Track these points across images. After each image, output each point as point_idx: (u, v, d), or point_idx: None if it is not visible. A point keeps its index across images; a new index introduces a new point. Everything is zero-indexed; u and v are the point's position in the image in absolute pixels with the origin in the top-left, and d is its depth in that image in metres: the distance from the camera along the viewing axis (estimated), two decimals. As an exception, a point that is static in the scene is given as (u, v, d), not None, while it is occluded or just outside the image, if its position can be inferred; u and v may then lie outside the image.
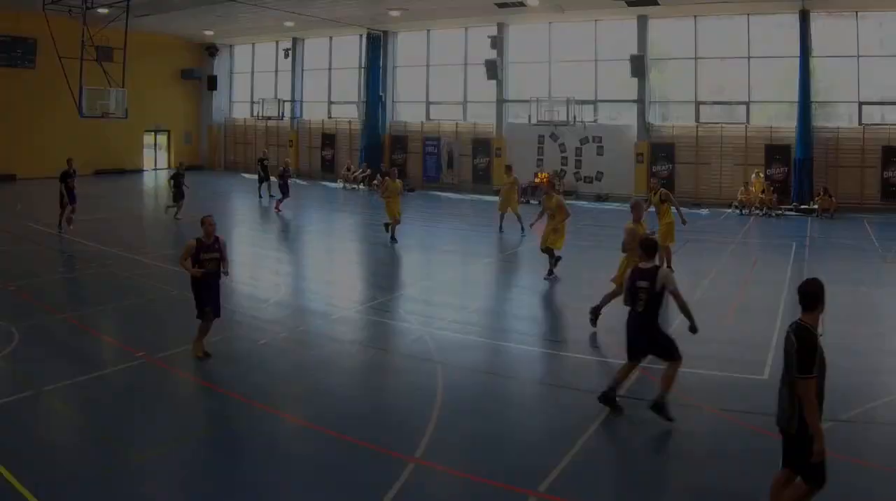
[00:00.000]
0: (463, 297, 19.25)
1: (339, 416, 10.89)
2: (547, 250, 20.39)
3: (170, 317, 16.63)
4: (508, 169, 32.33)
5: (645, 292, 10.68)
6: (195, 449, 9.90)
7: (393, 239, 26.09)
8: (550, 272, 20.45)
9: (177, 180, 32.40)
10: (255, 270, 22.37)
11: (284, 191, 35.14)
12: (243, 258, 24.04)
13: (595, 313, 15.54)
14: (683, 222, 21.11)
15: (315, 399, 11.74)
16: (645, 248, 11.13)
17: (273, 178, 38.48)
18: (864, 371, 12.70)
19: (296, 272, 23.08)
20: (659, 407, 10.66)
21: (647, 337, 10.96)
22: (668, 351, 11.01)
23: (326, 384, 12.33)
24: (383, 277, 21.79)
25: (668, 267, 18.97)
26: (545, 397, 12.19)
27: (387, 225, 26.44)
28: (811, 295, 7.56)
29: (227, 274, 13.49)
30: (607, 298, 15.35)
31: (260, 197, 40.05)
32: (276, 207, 34.84)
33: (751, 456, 9.56)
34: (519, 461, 9.46)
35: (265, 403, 11.34)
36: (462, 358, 13.73)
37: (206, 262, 12.99)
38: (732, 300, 18.22)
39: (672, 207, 20.93)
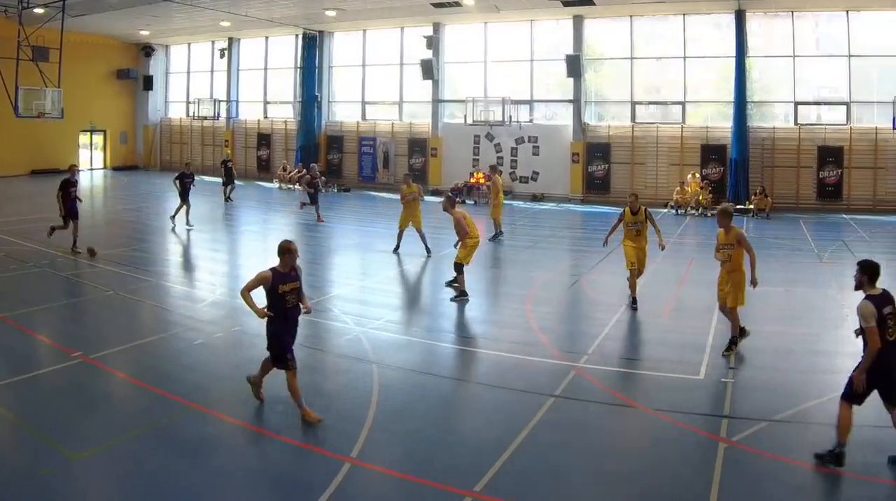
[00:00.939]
0: (399, 297, 18.63)
1: (275, 416, 10.50)
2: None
3: (106, 317, 16.02)
4: (492, 170, 29.13)
5: (892, 317, 8.94)
6: (131, 449, 9.38)
7: (427, 249, 23.17)
8: (454, 287, 17.99)
9: (182, 181, 28.31)
10: (192, 270, 21.37)
11: (314, 199, 30.30)
12: (180, 258, 23.49)
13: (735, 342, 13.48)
14: (661, 246, 17.07)
15: (250, 399, 10.95)
16: (872, 273, 9.19)
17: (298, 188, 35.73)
18: (799, 371, 12.37)
19: (232, 272, 21.53)
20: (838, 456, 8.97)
21: None
22: None
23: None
24: (318, 277, 20.57)
25: (634, 296, 16.64)
26: (481, 397, 11.64)
27: (396, 249, 23.67)
28: None
29: (308, 311, 10.89)
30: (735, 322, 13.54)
31: (227, 199, 37.12)
32: (318, 218, 29.96)
33: (685, 457, 9.30)
34: (455, 461, 9.12)
35: (201, 403, 10.86)
36: (398, 358, 13.21)
37: (288, 295, 10.38)
38: (668, 300, 17.60)
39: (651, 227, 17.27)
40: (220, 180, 38.62)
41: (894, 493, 8.40)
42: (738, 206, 34.54)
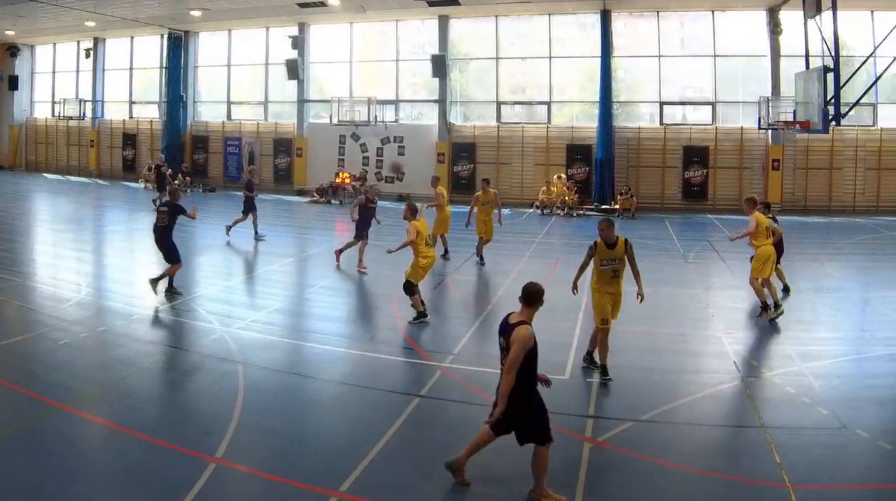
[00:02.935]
0: (264, 297, 16.44)
1: (140, 416, 9.00)
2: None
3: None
4: (485, 183, 20.37)
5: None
6: (-7, 451, 7.87)
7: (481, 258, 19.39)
8: (417, 316, 13.95)
9: (250, 188, 23.31)
10: (57, 270, 18.72)
11: (363, 226, 18.54)
12: (45, 258, 20.76)
13: None
14: (640, 295, 10.84)
15: (115, 399, 9.60)
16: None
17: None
18: (665, 371, 11.00)
19: (98, 272, 19.16)
20: None
21: None
22: None
23: (126, 384, 10.14)
24: (184, 277, 17.57)
25: (601, 363, 10.76)
26: (347, 397, 10.19)
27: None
28: None
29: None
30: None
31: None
32: (360, 266, 18.18)
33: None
34: (321, 461, 7.98)
35: (65, 403, 9.33)
36: (263, 358, 11.61)
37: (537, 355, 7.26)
38: None
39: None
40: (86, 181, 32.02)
41: (766, 493, 7.29)
42: (604, 206, 30.35)
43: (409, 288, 13.91)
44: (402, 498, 7.34)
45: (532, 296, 7.10)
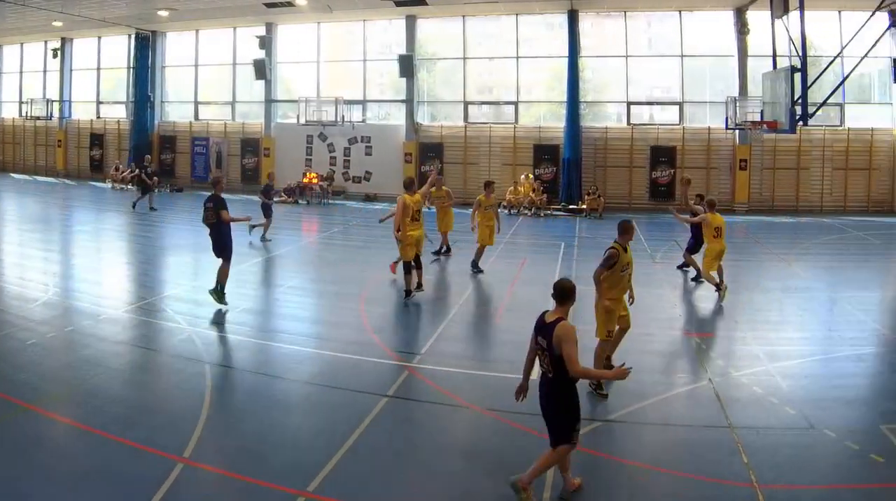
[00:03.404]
0: (232, 297, 15.23)
1: (107, 416, 8.79)
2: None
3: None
4: (488, 186, 18.31)
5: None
6: (-44, 450, 7.61)
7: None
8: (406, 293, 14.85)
9: (267, 193, 22.64)
10: (24, 270, 18.18)
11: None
12: (12, 258, 20.11)
13: None
14: (631, 299, 10.51)
15: (82, 399, 9.41)
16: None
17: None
18: (633, 371, 8.86)
19: (65, 272, 18.63)
20: None
21: None
22: None
23: (94, 384, 9.87)
24: (152, 277, 18.08)
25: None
26: (315, 397, 9.94)
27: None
28: None
29: None
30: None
31: (133, 207, 28.99)
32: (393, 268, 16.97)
33: (514, 454, 7.97)
34: (288, 461, 7.82)
35: (32, 403, 9.11)
36: (231, 358, 11.53)
37: None
38: (501, 300, 15.72)
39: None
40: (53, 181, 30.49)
41: (733, 493, 7.13)
42: (571, 206, 29.51)
43: (406, 266, 14.51)
44: (370, 498, 7.29)
45: (565, 293, 6.89)
